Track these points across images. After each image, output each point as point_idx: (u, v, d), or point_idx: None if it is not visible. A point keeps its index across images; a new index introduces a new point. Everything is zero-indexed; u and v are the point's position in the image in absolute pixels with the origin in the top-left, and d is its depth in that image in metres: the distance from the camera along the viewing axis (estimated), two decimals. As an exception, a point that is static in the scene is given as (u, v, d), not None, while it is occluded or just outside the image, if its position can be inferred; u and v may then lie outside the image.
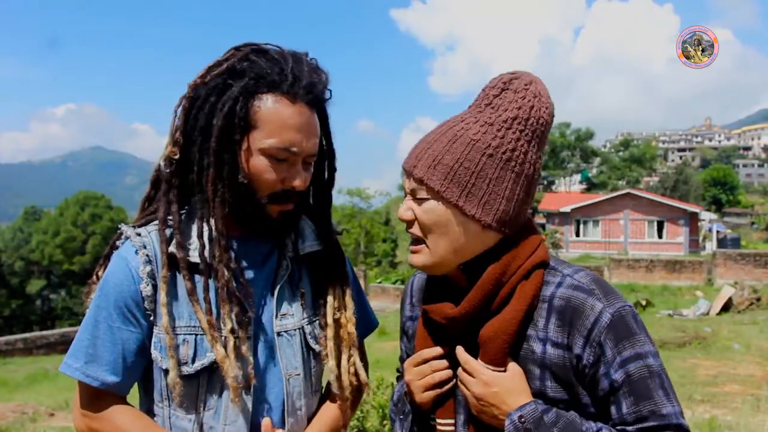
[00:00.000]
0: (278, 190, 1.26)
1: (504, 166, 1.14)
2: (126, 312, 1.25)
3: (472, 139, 1.14)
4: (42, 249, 47.27)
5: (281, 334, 1.33)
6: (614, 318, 1.10)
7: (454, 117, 1.21)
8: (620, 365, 1.09)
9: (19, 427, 7.91)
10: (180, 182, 1.30)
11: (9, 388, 12.46)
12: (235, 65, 1.24)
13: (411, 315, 1.43)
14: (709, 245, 34.59)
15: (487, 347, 1.15)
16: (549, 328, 1.14)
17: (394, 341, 11.27)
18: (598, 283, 1.16)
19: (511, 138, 1.14)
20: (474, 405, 1.17)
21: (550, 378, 1.13)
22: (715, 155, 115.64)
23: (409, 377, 1.27)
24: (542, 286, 1.17)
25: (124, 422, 1.26)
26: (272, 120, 1.22)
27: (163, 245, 1.25)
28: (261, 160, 1.24)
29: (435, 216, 1.16)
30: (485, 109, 1.18)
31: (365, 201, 53.43)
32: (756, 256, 21.80)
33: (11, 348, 18.38)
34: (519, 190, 1.16)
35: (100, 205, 49.46)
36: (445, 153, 1.14)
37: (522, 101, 1.16)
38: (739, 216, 55.81)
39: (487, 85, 1.20)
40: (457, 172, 1.13)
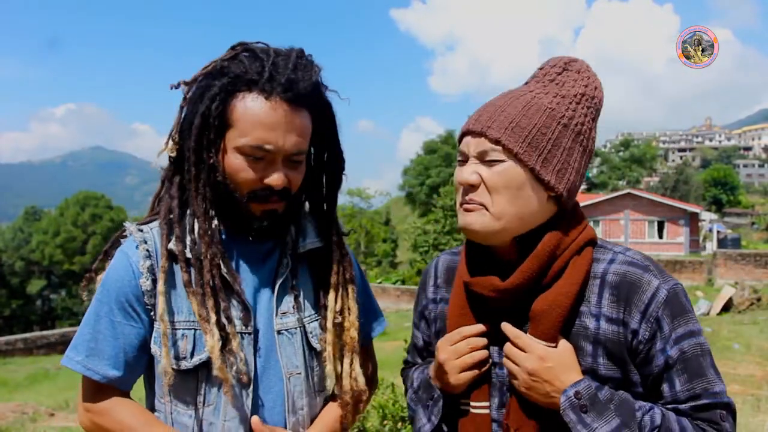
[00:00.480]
0: (257, 188, 1.25)
1: (575, 138, 1.15)
2: (127, 307, 1.26)
3: (548, 107, 1.14)
4: (42, 249, 47.28)
5: (281, 332, 1.32)
6: (670, 294, 1.10)
7: (518, 88, 1.22)
8: (675, 342, 1.08)
9: (19, 427, 7.91)
10: (180, 178, 1.31)
11: (9, 388, 12.46)
12: (220, 65, 1.25)
13: (434, 297, 1.38)
14: (709, 245, 34.57)
15: (540, 321, 1.13)
16: (602, 303, 1.13)
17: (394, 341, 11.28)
18: (650, 260, 1.17)
19: (581, 112, 1.16)
20: (524, 381, 1.13)
21: (603, 355, 1.12)
22: (715, 155, 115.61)
23: (444, 356, 1.22)
24: (593, 263, 1.17)
25: (125, 416, 1.26)
26: (246, 118, 1.22)
27: (163, 239, 1.27)
28: (237, 159, 1.23)
29: (508, 178, 1.12)
30: (549, 84, 1.18)
31: (365, 201, 53.55)
32: (756, 256, 21.79)
33: (11, 348, 18.38)
34: (583, 164, 1.18)
35: (100, 205, 49.46)
36: (521, 117, 1.13)
37: (587, 80, 1.18)
38: (740, 216, 55.81)
39: (547, 64, 1.22)
40: (535, 137, 1.12)
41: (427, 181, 54.40)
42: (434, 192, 44.99)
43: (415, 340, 1.45)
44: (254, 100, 1.22)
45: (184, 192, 1.31)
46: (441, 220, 36.45)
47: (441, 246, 35.51)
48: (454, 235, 35.27)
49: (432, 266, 1.42)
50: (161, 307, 1.23)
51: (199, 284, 1.25)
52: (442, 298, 1.36)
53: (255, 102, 1.22)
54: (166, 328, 1.23)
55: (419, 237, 37.29)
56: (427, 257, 35.87)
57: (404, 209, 67.32)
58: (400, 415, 4.51)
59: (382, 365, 1.64)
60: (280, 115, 1.22)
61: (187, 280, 1.24)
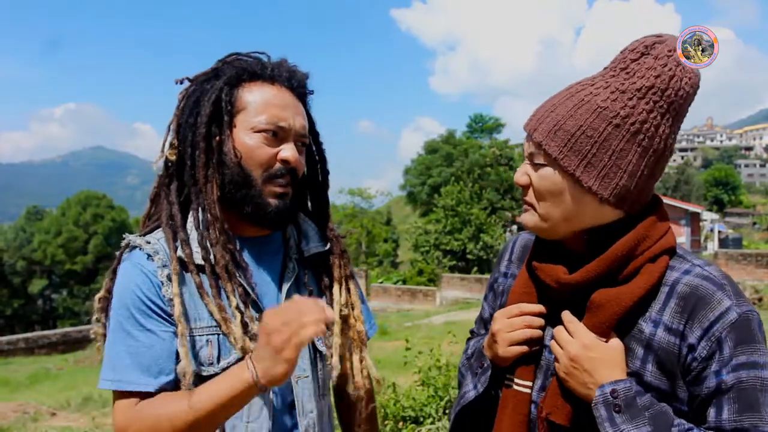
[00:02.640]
0: (273, 168, 1.28)
1: (630, 138, 1.06)
2: (151, 315, 1.22)
3: (600, 106, 1.07)
4: (44, 249, 47.31)
5: None
6: (740, 318, 1.04)
7: (585, 80, 1.14)
8: (734, 368, 1.02)
9: (20, 426, 7.92)
10: (178, 184, 1.32)
11: (10, 388, 12.47)
12: (217, 68, 1.33)
13: (506, 272, 1.39)
14: (710, 245, 34.54)
15: (595, 313, 1.10)
16: (665, 311, 1.08)
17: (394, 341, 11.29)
18: (729, 280, 1.10)
19: (643, 108, 1.06)
20: (565, 366, 1.12)
21: (653, 362, 1.08)
22: (716, 155, 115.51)
23: (498, 327, 1.22)
24: (666, 271, 1.11)
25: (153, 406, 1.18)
26: (259, 100, 1.29)
27: (170, 243, 1.25)
28: (252, 138, 1.27)
29: (549, 183, 1.11)
30: (619, 73, 1.09)
31: (366, 201, 53.48)
32: (758, 256, 21.75)
33: (13, 348, 18.41)
34: (644, 165, 1.08)
35: (101, 205, 49.45)
36: (568, 118, 1.08)
37: (662, 69, 1.06)
38: (741, 216, 55.78)
39: (627, 47, 1.10)
40: (578, 140, 1.07)
41: (428, 180, 54.29)
42: (435, 192, 44.94)
43: (482, 311, 1.46)
44: (262, 86, 1.30)
45: (184, 197, 1.31)
46: (442, 219, 36.41)
47: (442, 246, 35.48)
48: (455, 235, 35.25)
49: (511, 242, 1.43)
50: (178, 309, 1.21)
51: (215, 286, 1.24)
52: (512, 273, 1.36)
53: (264, 87, 1.30)
54: (184, 329, 1.21)
55: (420, 237, 37.26)
56: (428, 257, 35.85)
57: (405, 209, 67.32)
58: (401, 415, 4.51)
59: (383, 365, 1.65)
60: (288, 99, 1.31)
61: (199, 283, 1.24)
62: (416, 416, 4.48)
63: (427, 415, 4.46)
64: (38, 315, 46.80)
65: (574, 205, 1.11)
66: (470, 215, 35.61)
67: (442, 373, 4.92)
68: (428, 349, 5.51)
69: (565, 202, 1.11)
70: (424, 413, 4.48)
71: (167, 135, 1.33)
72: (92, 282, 46.10)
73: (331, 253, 1.44)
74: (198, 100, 1.29)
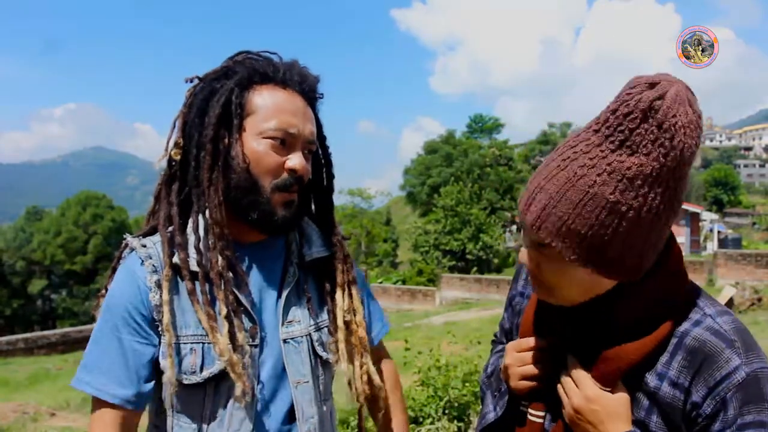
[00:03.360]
0: (281, 178, 1.26)
1: (646, 225, 0.98)
2: (134, 324, 1.23)
3: (609, 200, 0.95)
4: (43, 249, 47.30)
5: (288, 341, 1.32)
6: (748, 378, 0.99)
7: (580, 154, 0.98)
8: (738, 428, 0.99)
9: (20, 426, 7.92)
10: (179, 185, 1.31)
11: (10, 388, 12.47)
12: (228, 67, 1.30)
13: (523, 291, 1.37)
14: (710, 245, 34.55)
15: (601, 364, 1.08)
16: (672, 365, 1.04)
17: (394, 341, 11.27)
18: (741, 333, 1.04)
19: (657, 193, 0.95)
20: (569, 415, 1.11)
21: (657, 414, 1.06)
22: (716, 155, 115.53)
23: (509, 361, 1.23)
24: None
25: None
26: (269, 105, 1.26)
27: (165, 246, 1.25)
28: (260, 145, 1.25)
29: (563, 275, 1.06)
30: (619, 149, 0.95)
31: (366, 201, 53.41)
32: (757, 256, 21.74)
33: (12, 348, 18.38)
34: (656, 237, 1.01)
35: (101, 205, 49.45)
36: (575, 217, 0.97)
37: (670, 144, 0.93)
38: (741, 216, 55.78)
39: (619, 110, 0.95)
40: (588, 239, 0.98)
41: (428, 181, 54.30)
42: (435, 192, 44.94)
43: (502, 321, 1.46)
44: (273, 90, 1.28)
45: (184, 198, 1.30)
46: (442, 220, 36.44)
47: (442, 246, 35.50)
48: (455, 235, 35.27)
49: None
50: (166, 318, 1.21)
51: (207, 293, 1.23)
52: (528, 294, 1.34)
53: (275, 92, 1.28)
54: (171, 338, 1.21)
55: (420, 237, 37.29)
56: (428, 257, 35.87)
57: (405, 209, 67.30)
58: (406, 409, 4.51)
59: (383, 365, 1.66)
60: (298, 104, 1.29)
61: (191, 289, 1.23)
62: (416, 416, 4.48)
63: (426, 415, 4.46)
64: (38, 315, 46.80)
65: (590, 284, 1.07)
66: (470, 215, 35.63)
67: (441, 374, 4.92)
68: (428, 349, 5.51)
69: (580, 284, 1.07)
70: (424, 413, 4.48)
71: (171, 132, 1.31)
72: (92, 282, 46.11)
73: (334, 257, 1.42)
74: (207, 100, 1.27)
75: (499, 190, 42.57)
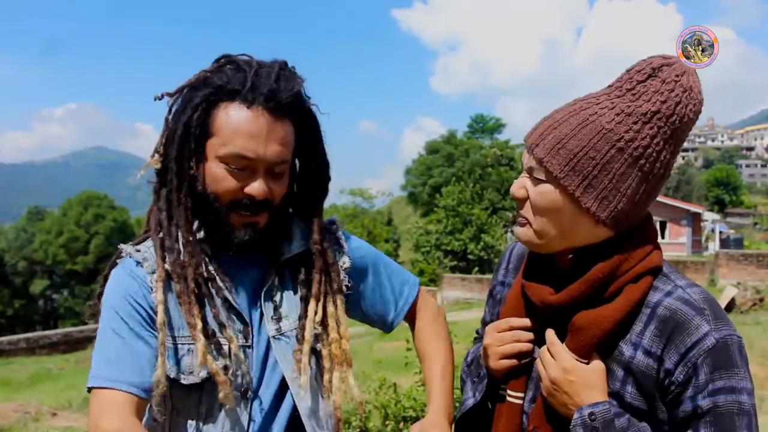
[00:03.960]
0: (238, 198, 1.24)
1: (632, 163, 1.06)
2: (138, 317, 1.24)
3: (604, 127, 1.05)
4: (45, 249, 47.34)
5: (277, 337, 1.32)
6: (718, 344, 1.04)
7: (589, 97, 1.11)
8: (710, 393, 1.03)
9: (21, 426, 7.93)
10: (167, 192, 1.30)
11: (12, 388, 12.49)
12: (204, 76, 1.26)
13: (503, 280, 1.40)
14: (711, 246, 34.50)
15: (576, 336, 1.11)
16: (645, 334, 1.09)
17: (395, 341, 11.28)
18: (710, 303, 1.09)
19: (647, 134, 1.05)
20: (546, 387, 1.14)
21: (632, 384, 1.09)
22: (718, 155, 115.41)
23: (489, 341, 1.25)
24: (650, 291, 1.11)
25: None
26: (228, 127, 1.21)
27: (158, 250, 1.26)
28: (219, 168, 1.23)
29: (548, 201, 1.10)
30: (625, 94, 1.07)
31: (367, 201, 53.42)
32: (759, 256, 21.74)
33: (14, 348, 18.42)
34: (642, 189, 1.08)
35: (102, 205, 49.50)
36: (571, 137, 1.07)
37: (669, 94, 1.04)
38: (742, 216, 55.72)
39: (633, 67, 1.09)
40: (580, 161, 1.06)
41: (429, 181, 54.29)
42: (436, 192, 44.93)
43: (484, 315, 1.48)
44: (236, 109, 1.22)
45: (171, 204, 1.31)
46: (443, 220, 36.42)
47: (443, 246, 35.49)
48: (456, 235, 35.25)
49: (508, 250, 1.44)
50: (160, 317, 1.22)
51: (186, 293, 1.24)
52: (508, 282, 1.38)
53: (237, 111, 1.22)
54: (164, 337, 1.22)
55: (421, 237, 37.27)
56: (429, 257, 35.86)
57: (406, 209, 67.24)
58: (402, 415, 4.52)
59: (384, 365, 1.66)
60: (262, 124, 1.22)
61: (178, 291, 1.24)
62: (417, 416, 4.48)
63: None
64: (39, 315, 46.85)
65: (570, 224, 1.11)
66: (471, 215, 35.62)
67: (443, 374, 4.91)
68: (429, 349, 5.49)
69: (561, 220, 1.11)
70: (425, 413, 4.48)
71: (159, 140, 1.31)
72: (93, 282, 46.05)
73: (312, 267, 1.37)
74: (178, 113, 1.26)
75: (500, 190, 42.50)
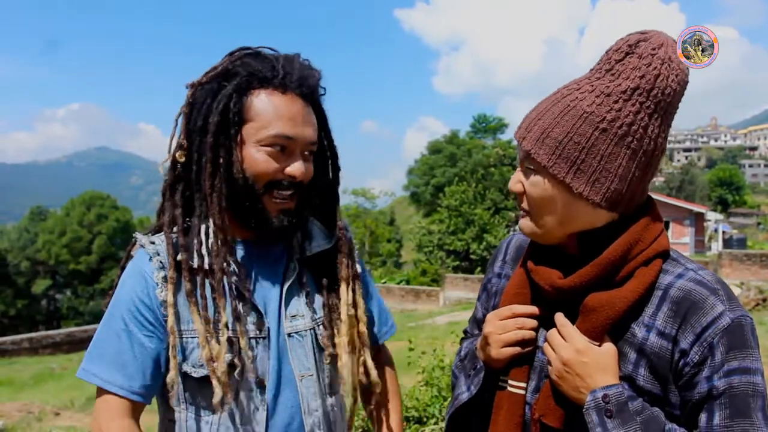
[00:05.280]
0: (278, 179, 1.27)
1: (618, 142, 1.06)
2: (141, 318, 1.26)
3: (585, 111, 1.06)
4: (48, 249, 47.46)
5: (292, 335, 1.34)
6: (733, 324, 1.04)
7: (571, 83, 1.13)
8: (726, 374, 1.03)
9: (24, 426, 7.94)
10: (184, 186, 1.32)
11: (15, 388, 12.51)
12: (228, 67, 1.29)
13: (500, 272, 1.39)
14: (714, 245, 34.45)
15: (588, 317, 1.10)
16: (658, 316, 1.08)
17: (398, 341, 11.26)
18: (722, 284, 1.10)
19: (629, 111, 1.05)
20: (557, 369, 1.12)
21: (645, 366, 1.08)
22: (721, 155, 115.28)
23: (490, 329, 1.23)
24: (660, 274, 1.11)
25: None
26: (266, 111, 1.26)
27: (169, 248, 1.27)
28: (258, 152, 1.26)
29: (540, 191, 1.11)
30: (604, 75, 1.08)
31: (370, 201, 53.46)
32: (762, 256, 21.69)
33: (17, 347, 18.46)
34: (634, 167, 1.08)
35: (105, 205, 49.64)
36: (555, 125, 1.08)
37: (646, 69, 1.04)
38: (745, 216, 55.64)
39: (611, 47, 1.09)
40: (566, 147, 1.07)
41: (431, 181, 54.36)
42: (439, 192, 44.94)
43: (475, 311, 1.47)
44: (272, 95, 1.27)
45: (188, 199, 1.32)
46: (446, 220, 36.39)
47: (445, 246, 35.47)
48: (459, 235, 35.23)
49: (505, 242, 1.44)
50: (171, 319, 1.24)
51: (203, 289, 1.26)
52: (506, 274, 1.37)
53: (273, 97, 1.27)
54: (175, 339, 1.24)
55: (424, 237, 37.25)
56: (432, 257, 35.84)
57: (409, 209, 67.32)
58: (405, 415, 4.51)
59: (385, 365, 1.66)
60: (298, 108, 1.28)
61: (189, 290, 1.25)
62: (420, 416, 4.48)
63: (430, 415, 4.46)
64: (42, 315, 46.92)
65: (567, 211, 1.11)
66: (474, 215, 35.59)
67: (445, 374, 4.91)
68: (432, 349, 5.50)
69: (557, 208, 1.11)
70: (428, 413, 4.47)
71: (174, 132, 1.32)
72: (96, 282, 46.22)
73: (338, 251, 1.44)
74: (207, 103, 1.27)
75: (503, 190, 42.48)
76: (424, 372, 5.09)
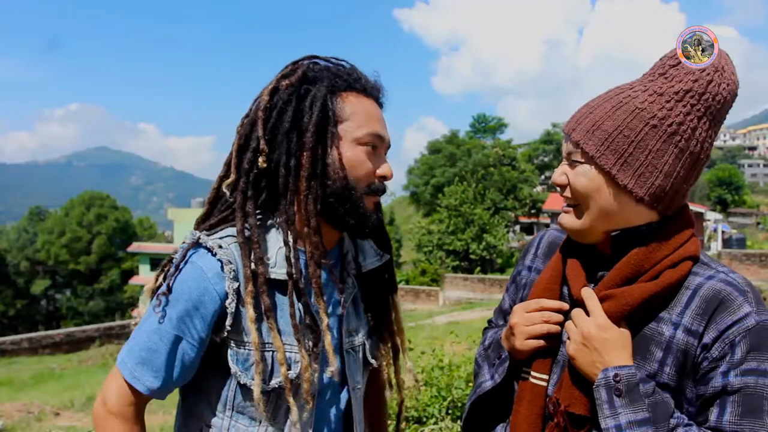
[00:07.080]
0: (375, 184, 1.29)
1: (667, 140, 1.09)
2: (192, 324, 1.20)
3: (638, 107, 1.10)
4: (47, 249, 47.47)
5: (349, 351, 1.35)
6: (758, 326, 1.05)
7: (624, 85, 1.16)
8: (743, 373, 1.04)
9: (24, 426, 7.95)
10: (255, 192, 1.27)
11: (15, 388, 12.52)
12: (306, 73, 1.29)
13: (531, 265, 1.40)
14: (714, 245, 34.44)
15: (605, 303, 1.12)
16: (686, 314, 1.09)
17: (398, 341, 11.23)
18: (752, 288, 1.11)
19: (680, 111, 1.09)
20: (576, 343, 1.13)
21: (671, 364, 1.09)
22: (720, 155, 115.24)
23: (516, 320, 1.24)
24: (689, 276, 1.13)
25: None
26: (360, 111, 1.28)
27: (245, 260, 1.21)
28: (357, 151, 1.27)
29: (586, 181, 1.13)
30: (658, 78, 1.12)
31: (369, 201, 53.30)
32: (761, 256, 21.70)
33: (17, 348, 18.47)
34: (680, 166, 1.10)
35: (105, 205, 49.64)
36: (606, 119, 1.11)
37: (700, 74, 1.09)
38: (745, 216, 55.63)
39: (666, 54, 1.13)
40: (615, 139, 1.09)
41: (431, 180, 54.30)
42: (439, 192, 44.95)
43: (502, 302, 1.48)
44: (359, 97, 1.30)
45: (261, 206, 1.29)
46: (445, 220, 36.41)
47: (445, 246, 35.49)
48: (458, 235, 35.24)
49: (538, 237, 1.45)
50: (254, 336, 1.19)
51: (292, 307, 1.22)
52: (536, 268, 1.38)
53: (361, 98, 1.30)
54: (259, 357, 1.20)
55: (423, 237, 37.26)
56: (431, 257, 35.86)
57: (408, 209, 67.27)
58: (404, 415, 4.52)
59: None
60: (379, 111, 1.34)
61: (269, 306, 1.20)
62: (419, 416, 4.48)
63: (430, 415, 4.46)
64: (42, 315, 46.91)
65: (611, 204, 1.12)
66: (473, 215, 35.61)
67: (444, 373, 4.92)
68: (431, 349, 5.52)
69: (601, 200, 1.13)
70: (428, 413, 4.48)
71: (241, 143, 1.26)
72: (96, 282, 46.24)
73: (387, 268, 1.47)
74: (293, 106, 1.25)
75: (502, 189, 42.59)
76: (424, 372, 5.10)
